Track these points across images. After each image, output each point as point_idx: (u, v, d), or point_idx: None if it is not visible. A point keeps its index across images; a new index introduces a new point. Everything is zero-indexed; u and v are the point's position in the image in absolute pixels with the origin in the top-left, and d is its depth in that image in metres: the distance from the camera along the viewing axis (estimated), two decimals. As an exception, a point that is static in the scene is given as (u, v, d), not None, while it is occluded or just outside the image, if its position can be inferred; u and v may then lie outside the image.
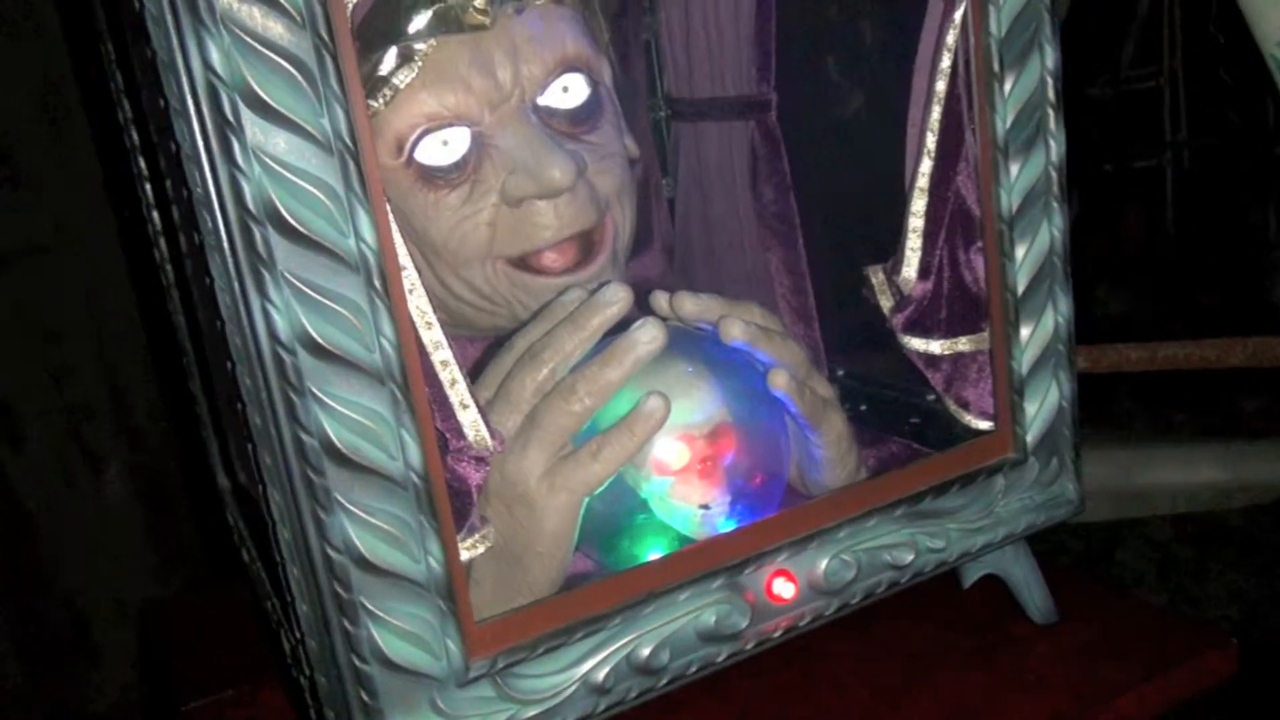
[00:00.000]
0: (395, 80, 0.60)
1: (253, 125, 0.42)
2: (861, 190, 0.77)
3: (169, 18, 0.40)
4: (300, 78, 0.42)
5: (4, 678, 1.72)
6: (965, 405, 0.66)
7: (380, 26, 0.59)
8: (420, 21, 0.60)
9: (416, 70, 0.60)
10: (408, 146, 0.62)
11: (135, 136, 0.77)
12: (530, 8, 0.65)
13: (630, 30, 0.89)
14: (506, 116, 0.63)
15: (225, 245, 0.42)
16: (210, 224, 0.42)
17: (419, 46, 0.60)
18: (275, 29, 0.41)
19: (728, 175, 0.87)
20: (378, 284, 0.45)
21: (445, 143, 0.62)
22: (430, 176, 0.63)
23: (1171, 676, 0.64)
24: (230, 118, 0.41)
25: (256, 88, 0.41)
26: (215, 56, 0.40)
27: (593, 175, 0.67)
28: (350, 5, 0.49)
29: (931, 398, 0.71)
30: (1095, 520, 1.91)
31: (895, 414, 0.77)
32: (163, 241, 0.78)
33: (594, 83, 0.68)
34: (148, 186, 0.76)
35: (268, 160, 0.42)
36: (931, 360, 0.66)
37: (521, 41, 0.64)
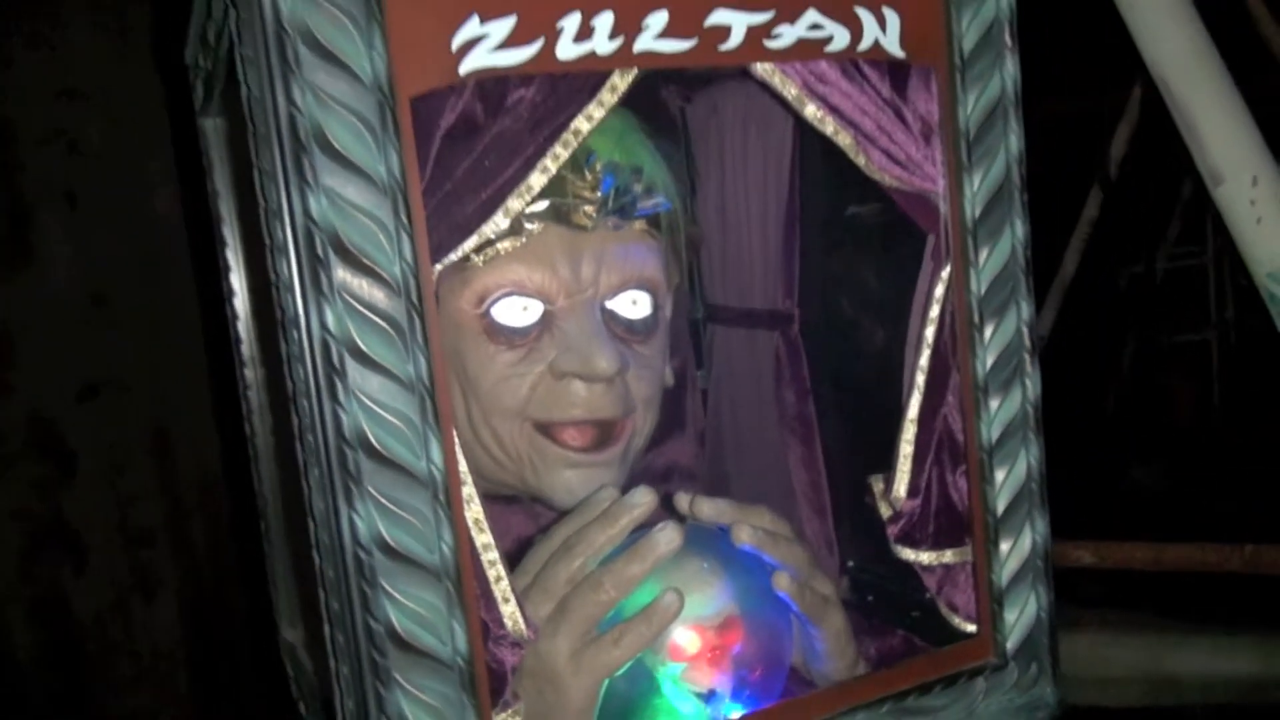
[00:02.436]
0: (499, 246, 0.71)
1: (354, 370, 0.52)
2: (870, 403, 0.86)
3: (296, 286, 0.52)
4: (394, 334, 0.53)
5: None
6: (954, 609, 0.73)
7: (500, 200, 0.69)
8: (539, 206, 0.71)
9: (519, 244, 0.72)
10: (488, 301, 0.73)
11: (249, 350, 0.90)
12: (627, 229, 0.77)
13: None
14: (577, 306, 0.74)
15: (323, 465, 0.52)
16: (312, 446, 0.53)
17: (530, 226, 0.72)
18: (378, 295, 0.52)
19: (754, 377, 0.97)
20: (442, 498, 0.54)
21: (520, 309, 0.73)
22: (496, 332, 0.73)
23: None
24: (337, 365, 0.52)
25: (359, 341, 0.52)
26: (330, 319, 0.51)
27: (631, 379, 0.78)
28: (435, 275, 0.59)
29: (929, 595, 0.78)
30: (1125, 706, 1.90)
31: (899, 607, 0.84)
32: (255, 418, 0.90)
33: (656, 306, 0.80)
34: (250, 393, 0.89)
35: (363, 398, 0.52)
36: (924, 565, 0.74)
37: (610, 252, 0.75)
